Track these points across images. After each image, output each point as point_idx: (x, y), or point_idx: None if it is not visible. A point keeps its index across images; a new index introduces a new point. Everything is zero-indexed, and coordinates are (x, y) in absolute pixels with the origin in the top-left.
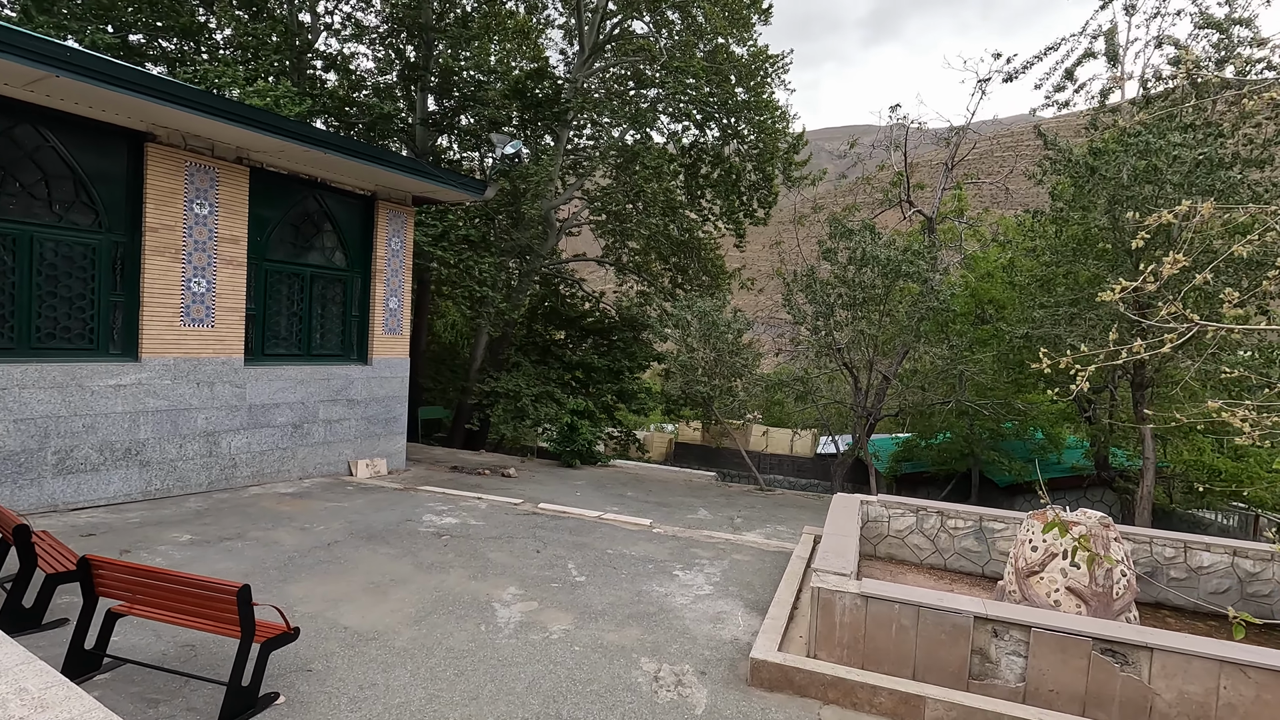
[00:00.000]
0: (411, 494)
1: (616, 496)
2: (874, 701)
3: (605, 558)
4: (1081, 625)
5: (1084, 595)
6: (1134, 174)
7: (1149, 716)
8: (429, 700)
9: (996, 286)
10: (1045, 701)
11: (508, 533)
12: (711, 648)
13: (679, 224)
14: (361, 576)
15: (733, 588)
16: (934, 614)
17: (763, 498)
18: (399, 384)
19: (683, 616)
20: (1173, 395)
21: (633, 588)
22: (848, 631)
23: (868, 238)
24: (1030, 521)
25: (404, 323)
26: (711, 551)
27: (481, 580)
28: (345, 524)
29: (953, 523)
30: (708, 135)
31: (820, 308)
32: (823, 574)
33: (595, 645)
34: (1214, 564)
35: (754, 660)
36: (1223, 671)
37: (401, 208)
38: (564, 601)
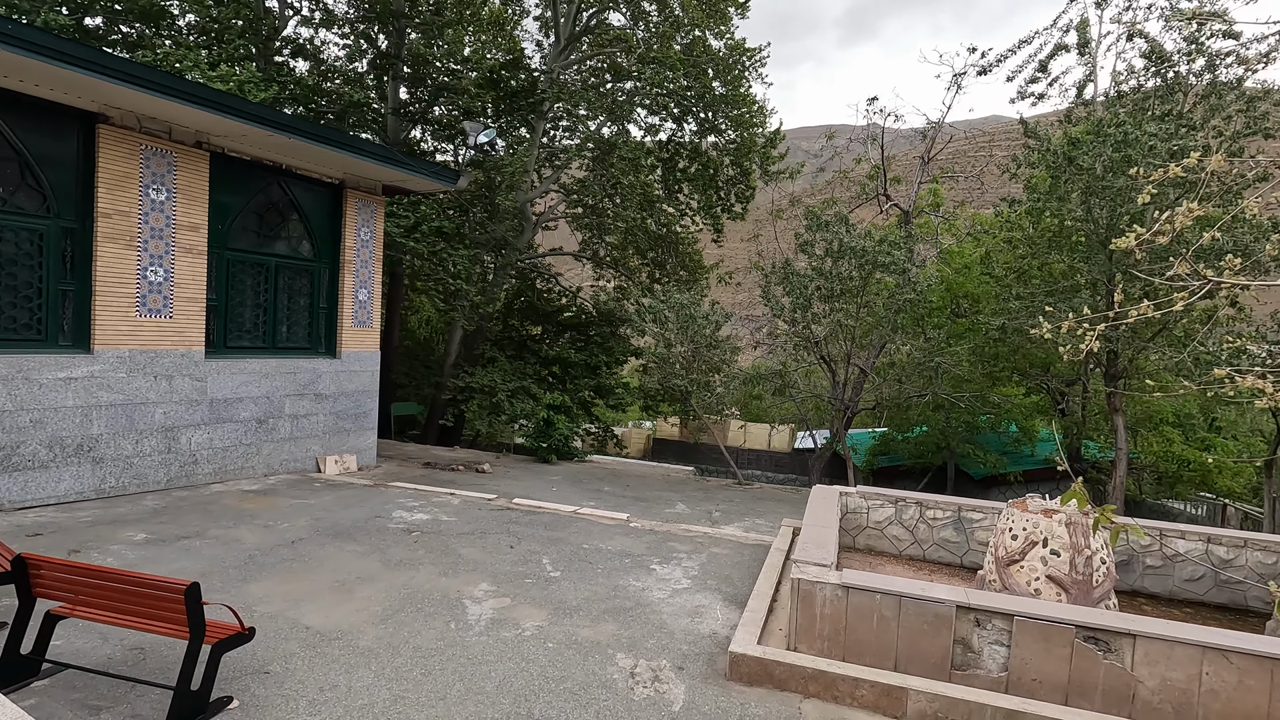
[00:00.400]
0: (382, 490)
1: (593, 491)
2: (855, 694)
3: (581, 553)
4: (1065, 613)
5: (1064, 583)
6: (1108, 166)
7: (1132, 705)
8: (394, 701)
9: (971, 280)
10: (1028, 691)
11: (480, 529)
12: (689, 642)
13: (657, 218)
14: (326, 575)
15: (711, 581)
16: (916, 604)
17: (741, 492)
18: (369, 378)
19: (660, 611)
20: (1143, 386)
21: (609, 583)
22: (828, 623)
23: (843, 229)
24: (1010, 510)
25: (374, 315)
26: (689, 545)
27: (452, 577)
28: (311, 521)
29: (931, 513)
30: (685, 130)
31: (798, 300)
32: (803, 565)
33: (569, 641)
34: (1189, 551)
35: (733, 654)
36: (1205, 657)
37: (371, 197)
38: (538, 597)
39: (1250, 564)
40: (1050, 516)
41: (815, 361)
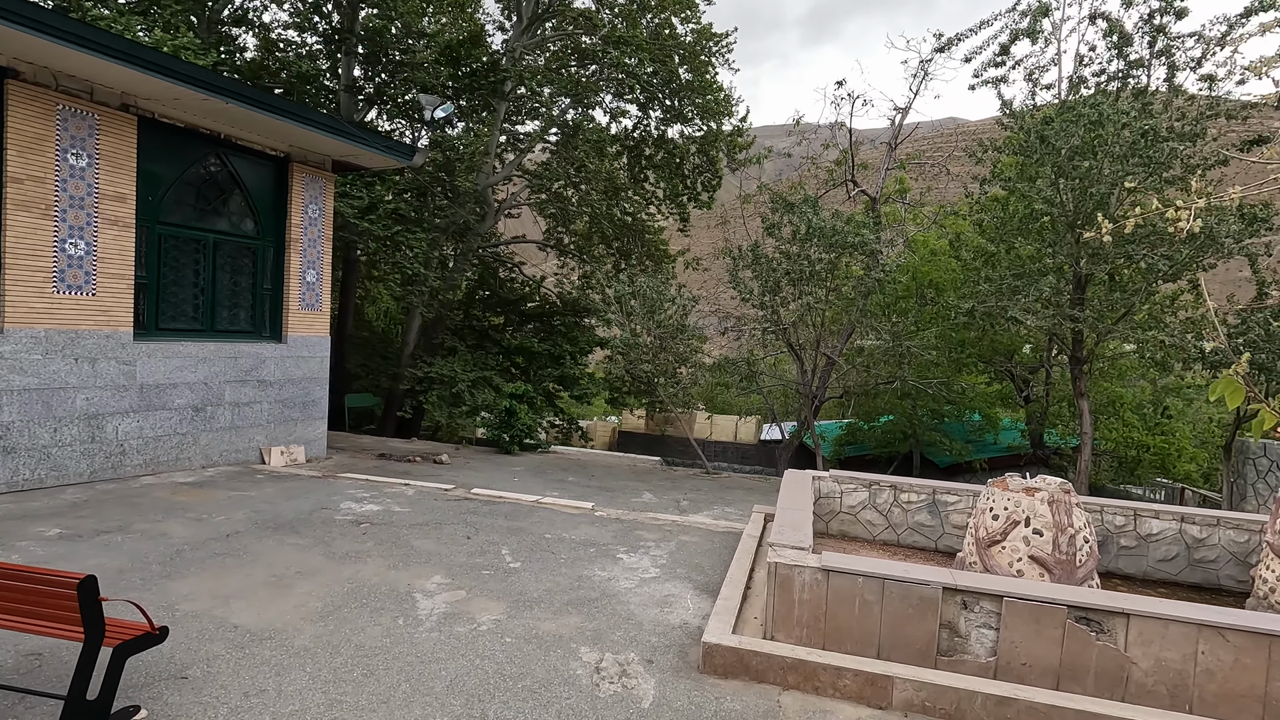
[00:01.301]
0: (330, 481)
1: (557, 481)
2: (838, 684)
3: (543, 543)
4: (1056, 593)
5: (1047, 564)
6: (1078, 147)
7: (1125, 687)
8: (329, 706)
9: (938, 269)
10: (1018, 676)
11: (436, 519)
12: (659, 634)
13: (622, 207)
14: (262, 570)
15: (681, 569)
16: (900, 587)
17: (709, 481)
18: (318, 364)
19: (627, 601)
20: (1105, 371)
21: (572, 573)
22: (807, 610)
23: (810, 211)
24: (991, 489)
25: (324, 298)
26: (657, 534)
27: (403, 570)
28: (250, 513)
29: (906, 496)
30: (650, 117)
31: (766, 283)
32: (779, 549)
33: (529, 636)
34: (1162, 531)
35: (706, 645)
36: (1201, 636)
37: (319, 172)
38: (496, 590)
39: (1223, 543)
40: (1032, 495)
41: (783, 349)
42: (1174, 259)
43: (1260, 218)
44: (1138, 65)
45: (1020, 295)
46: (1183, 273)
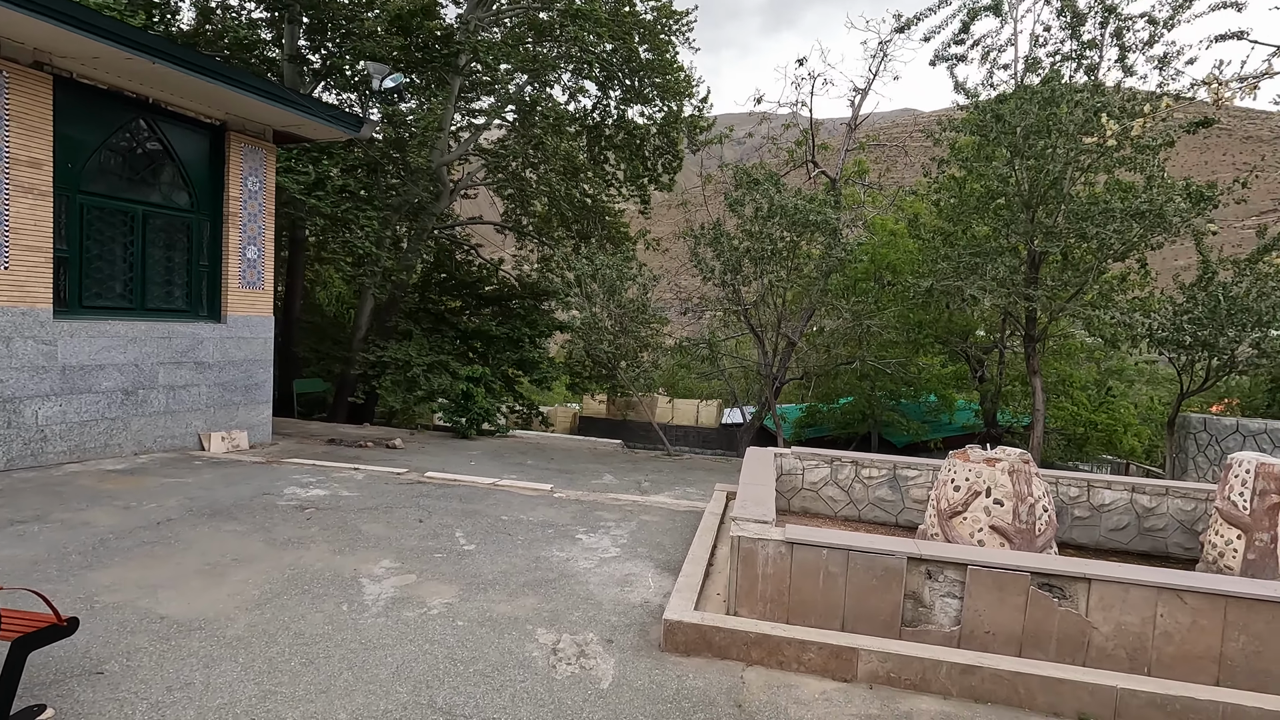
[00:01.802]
0: (274, 467)
1: (515, 465)
2: (802, 658)
3: (499, 524)
4: (1019, 560)
5: (1008, 533)
6: (1033, 126)
7: (1086, 652)
8: (262, 698)
9: (895, 251)
10: (981, 644)
11: (386, 503)
12: (619, 613)
13: (582, 188)
14: (195, 558)
15: (642, 548)
16: (865, 558)
17: (670, 462)
18: (261, 346)
19: (586, 581)
20: (1055, 351)
21: (529, 554)
22: (771, 584)
23: (773, 188)
24: (953, 461)
25: (266, 276)
26: (618, 514)
27: (349, 554)
28: (184, 500)
29: (867, 472)
30: (610, 97)
31: (728, 261)
32: (742, 523)
33: (483, 619)
34: (1114, 501)
35: (667, 622)
36: (1160, 599)
37: (259, 143)
38: (448, 573)
39: (1171, 511)
40: (993, 465)
41: (744, 330)
42: (1124, 234)
43: (1206, 196)
44: (1091, 46)
45: (977, 274)
46: (1132, 251)
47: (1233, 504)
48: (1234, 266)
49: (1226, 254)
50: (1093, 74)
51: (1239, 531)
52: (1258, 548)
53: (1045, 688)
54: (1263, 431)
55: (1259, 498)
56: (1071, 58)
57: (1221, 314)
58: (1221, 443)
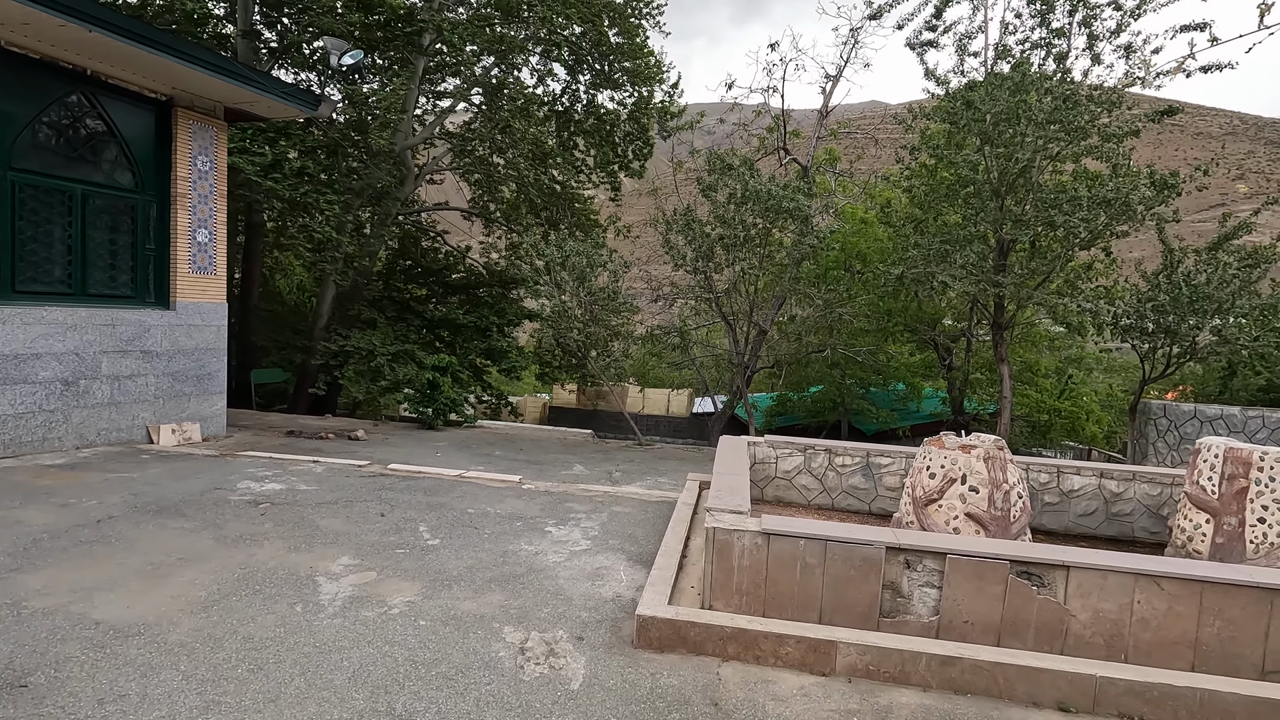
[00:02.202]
0: (228, 460)
1: (483, 456)
2: (780, 653)
3: (465, 518)
4: (999, 548)
5: (983, 520)
6: (1002, 113)
7: (1064, 640)
8: (204, 709)
9: (866, 240)
10: (960, 635)
11: (347, 497)
12: (590, 608)
13: (551, 175)
14: (137, 558)
15: (613, 541)
16: (843, 548)
17: (642, 452)
18: (214, 334)
19: (556, 576)
20: (1020, 339)
21: (496, 548)
22: (747, 576)
23: (746, 173)
24: (928, 448)
25: (218, 261)
26: (588, 505)
27: (305, 552)
28: (128, 497)
29: (840, 460)
30: (580, 82)
31: (700, 248)
32: (717, 513)
33: (447, 617)
34: (1083, 487)
35: (640, 618)
36: (1137, 585)
37: (209, 120)
38: (410, 569)
39: (1138, 496)
40: (969, 452)
41: (716, 318)
42: (1091, 222)
43: (1170, 184)
44: (1060, 35)
45: (948, 262)
46: (1098, 240)
47: (1201, 488)
48: (1195, 255)
49: (1152, 261)
50: (1061, 61)
51: (1208, 515)
52: (1226, 531)
53: (1024, 677)
54: (1219, 417)
55: (1227, 482)
56: (1041, 45)
57: (1184, 301)
58: (1180, 428)
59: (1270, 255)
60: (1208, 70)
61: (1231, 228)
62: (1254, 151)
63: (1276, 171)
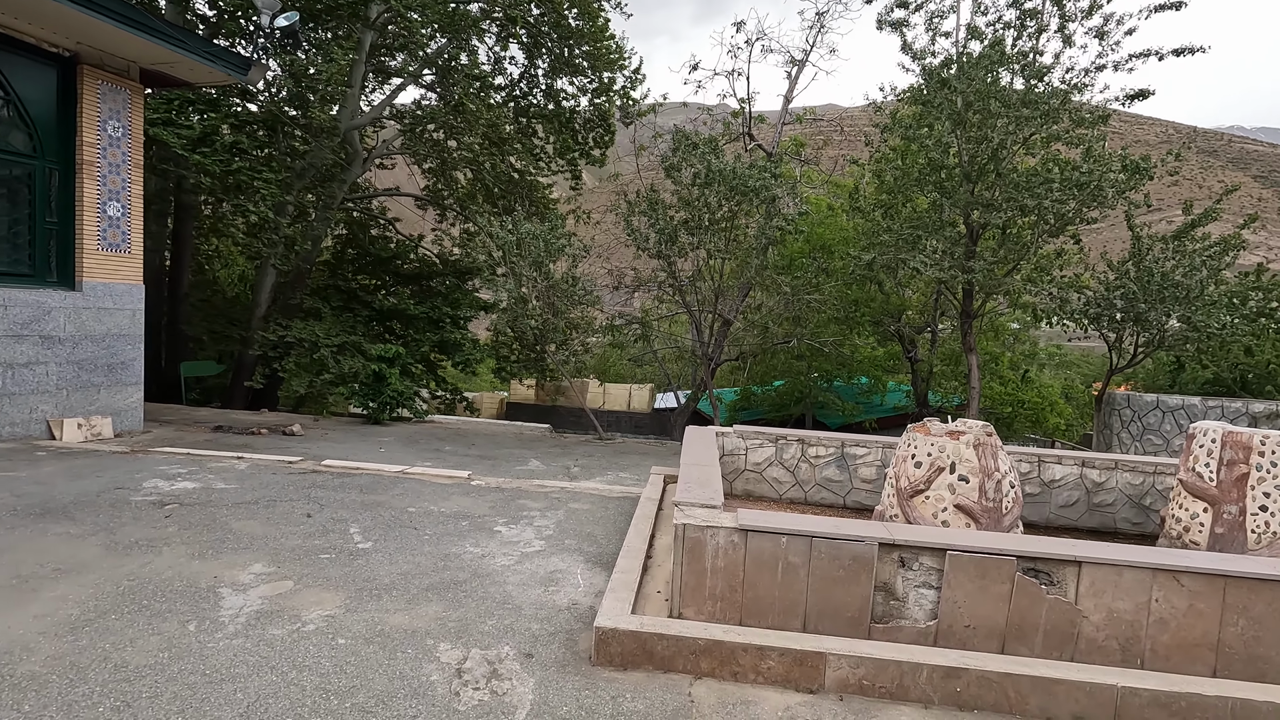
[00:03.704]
0: (139, 458)
1: (431, 451)
2: (761, 667)
3: (405, 517)
4: (1004, 543)
5: (974, 512)
6: (977, 91)
7: (1075, 645)
8: None
9: (830, 231)
10: (960, 641)
11: (270, 496)
12: (541, 619)
13: (508, 161)
14: (3, 570)
15: (570, 541)
16: (830, 545)
17: (602, 446)
18: (128, 319)
19: (503, 582)
20: (984, 330)
21: (437, 551)
22: (722, 579)
23: (711, 153)
24: (912, 435)
25: (133, 238)
26: (544, 502)
27: (211, 559)
28: (7, 499)
29: (814, 451)
30: (538, 67)
31: (663, 231)
32: (687, 509)
33: (371, 634)
34: (1064, 477)
35: (600, 630)
36: (1155, 581)
37: (123, 81)
38: (335, 577)
39: (1120, 486)
40: (957, 439)
41: (679, 309)
42: (1062, 205)
43: (1141, 169)
44: (1031, 15)
45: (920, 247)
46: (1069, 226)
47: (1198, 475)
48: (1162, 244)
49: (1115, 254)
50: (1035, 39)
51: (1205, 504)
52: (1226, 520)
53: (1038, 689)
54: (1180, 407)
55: (1226, 468)
56: (1013, 26)
57: (1154, 289)
58: (1143, 419)
59: (1238, 243)
60: (1180, 53)
61: (1197, 215)
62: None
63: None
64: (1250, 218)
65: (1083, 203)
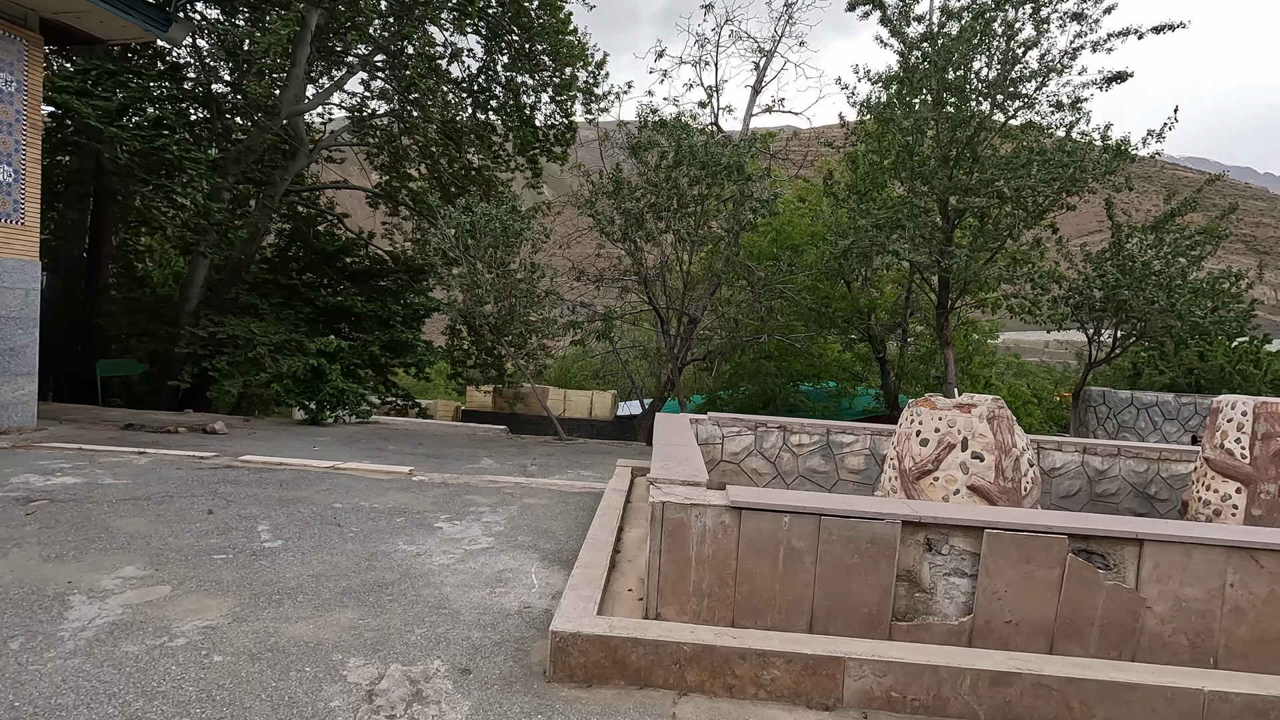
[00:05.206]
0: (18, 453)
1: (373, 450)
2: (763, 678)
3: (328, 514)
4: (1052, 520)
5: (990, 493)
6: (957, 63)
7: (1137, 641)
8: None
9: (798, 230)
10: (1001, 640)
11: (167, 492)
12: (484, 626)
13: (465, 158)
14: None
15: (524, 536)
16: (843, 525)
17: (563, 447)
18: (19, 300)
19: (440, 583)
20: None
21: (362, 549)
22: (709, 569)
23: (681, 131)
24: (916, 410)
25: (28, 208)
26: (495, 497)
27: (71, 561)
28: None
29: (796, 439)
30: (497, 61)
31: (629, 214)
32: (666, 486)
33: (261, 648)
34: (1065, 464)
35: (557, 636)
36: (1230, 563)
37: (17, 29)
38: (226, 580)
39: (1123, 474)
40: (968, 412)
41: (644, 303)
42: (1047, 186)
43: (1123, 151)
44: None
45: (900, 231)
46: (1049, 210)
47: (1228, 452)
48: (1140, 235)
49: (1080, 251)
50: (1015, 7)
51: (1238, 484)
52: (1264, 500)
53: (1108, 697)
54: (1154, 404)
55: (1262, 442)
56: (987, 10)
57: (1136, 274)
58: (1118, 415)
59: (1219, 233)
60: (1159, 30)
61: (1176, 204)
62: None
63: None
64: (1231, 206)
65: (1063, 187)
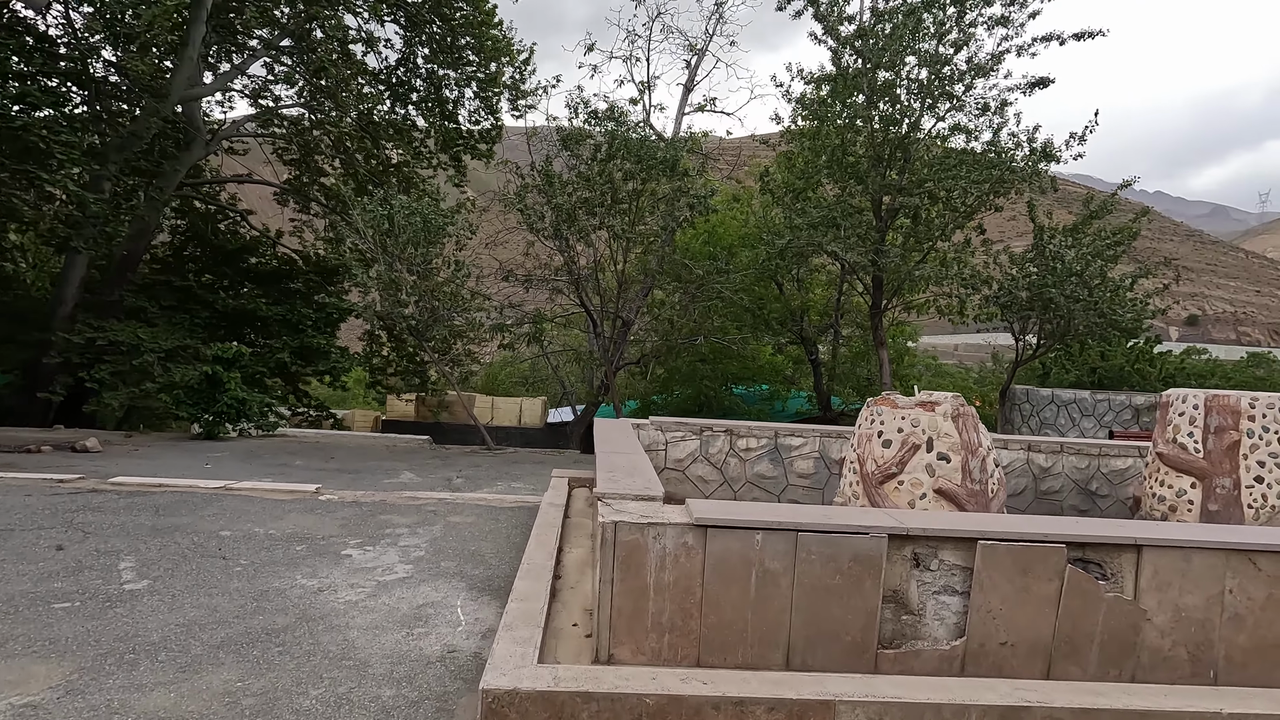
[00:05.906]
0: None
1: (275, 466)
2: None
3: (211, 544)
4: (1051, 527)
5: (958, 497)
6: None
7: (1137, 657)
8: None
9: (731, 232)
10: (996, 664)
11: (8, 524)
12: (398, 680)
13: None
14: None
15: (448, 562)
16: (822, 542)
17: (492, 457)
18: None
19: (345, 626)
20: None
21: (251, 587)
22: (670, 599)
23: (614, 124)
24: (877, 409)
25: None
26: (415, 516)
27: None
28: None
29: (744, 443)
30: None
31: (560, 210)
32: (616, 501)
33: None
34: (1011, 462)
35: (490, 695)
36: (1229, 568)
37: None
38: (65, 637)
39: (1066, 470)
40: (932, 410)
41: (575, 307)
42: (976, 186)
43: (1049, 153)
44: (934, 3)
45: (837, 230)
46: (979, 209)
47: (1181, 447)
48: (1061, 236)
49: (1046, 224)
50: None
51: (1192, 479)
52: (1219, 495)
53: None
54: (1073, 401)
55: (1215, 436)
56: (914, 12)
57: (1059, 273)
58: (1040, 413)
59: (1133, 232)
60: (1080, 37)
61: (1096, 206)
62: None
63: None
64: (1142, 210)
65: (992, 187)
